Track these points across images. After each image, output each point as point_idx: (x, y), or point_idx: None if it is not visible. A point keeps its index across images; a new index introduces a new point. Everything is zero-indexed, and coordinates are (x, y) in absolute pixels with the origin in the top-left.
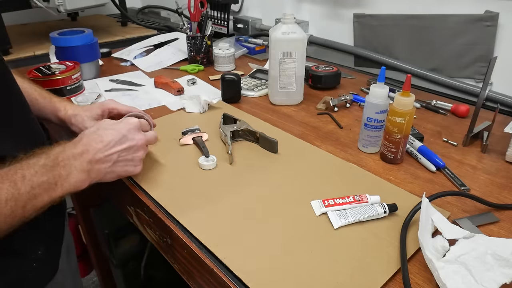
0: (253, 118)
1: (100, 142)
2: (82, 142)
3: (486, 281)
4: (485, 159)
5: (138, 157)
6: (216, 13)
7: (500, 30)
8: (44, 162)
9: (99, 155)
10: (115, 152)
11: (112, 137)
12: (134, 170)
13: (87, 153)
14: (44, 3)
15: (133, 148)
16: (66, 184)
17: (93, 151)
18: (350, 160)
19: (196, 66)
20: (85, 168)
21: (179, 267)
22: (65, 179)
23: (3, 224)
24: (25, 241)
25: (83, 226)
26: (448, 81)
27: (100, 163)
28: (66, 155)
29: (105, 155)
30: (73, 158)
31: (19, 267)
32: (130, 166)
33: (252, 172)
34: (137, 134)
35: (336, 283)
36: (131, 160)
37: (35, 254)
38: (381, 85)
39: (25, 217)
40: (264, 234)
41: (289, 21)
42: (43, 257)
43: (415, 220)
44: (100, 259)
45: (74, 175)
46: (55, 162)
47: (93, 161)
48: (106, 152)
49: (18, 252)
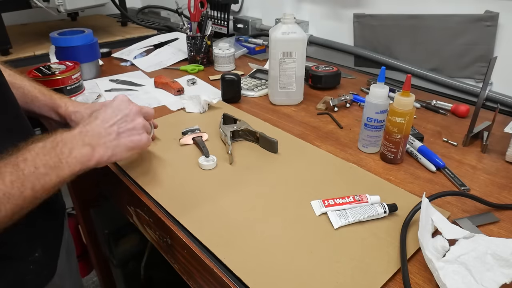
0: (253, 118)
1: (95, 120)
2: (78, 127)
3: (486, 281)
4: (485, 159)
5: (139, 124)
6: (216, 13)
7: (500, 30)
8: (43, 145)
9: (98, 129)
10: (113, 123)
11: (105, 113)
12: (141, 139)
13: (86, 131)
14: (44, 3)
15: (129, 116)
16: (72, 160)
17: (91, 127)
18: (350, 160)
19: (196, 66)
20: (87, 142)
21: (179, 267)
22: (69, 156)
23: (14, 206)
24: (22, 243)
25: (83, 226)
26: (448, 81)
27: (102, 137)
28: (64, 136)
29: (104, 128)
30: (72, 137)
31: (16, 270)
32: (135, 135)
33: (252, 172)
34: (129, 104)
35: (336, 283)
36: (133, 128)
37: (33, 256)
38: (381, 85)
39: (37, 198)
40: (264, 234)
41: (289, 21)
42: (41, 259)
43: (415, 220)
44: (100, 259)
45: (77, 150)
46: (53, 143)
47: (94, 136)
48: (104, 125)
49: (15, 255)
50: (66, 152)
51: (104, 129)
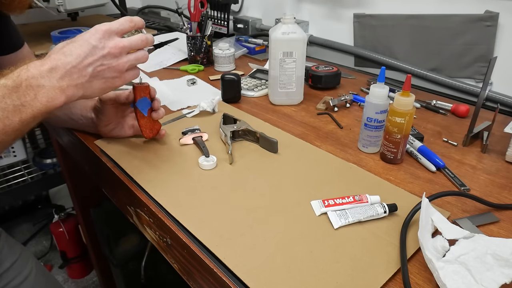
0: (253, 118)
1: (69, 55)
2: (50, 58)
3: (486, 281)
4: (485, 159)
5: (115, 67)
6: (216, 13)
7: (500, 30)
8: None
9: (72, 70)
10: (88, 64)
11: (82, 49)
12: (114, 83)
13: (57, 68)
14: (44, 3)
15: (107, 58)
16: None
17: (63, 65)
18: (350, 160)
19: (196, 66)
20: (57, 85)
21: (179, 267)
22: (34, 99)
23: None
24: None
25: (83, 226)
26: (448, 81)
27: (74, 78)
28: (31, 73)
29: (78, 69)
30: (40, 76)
31: None
32: (110, 78)
33: (252, 172)
34: (109, 41)
35: (336, 283)
36: (108, 70)
37: None
38: (381, 85)
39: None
40: (264, 234)
41: (289, 21)
42: None
43: (415, 220)
44: (100, 259)
45: (43, 94)
46: (17, 81)
47: (65, 77)
48: (79, 65)
49: None
50: (31, 95)
51: (78, 69)
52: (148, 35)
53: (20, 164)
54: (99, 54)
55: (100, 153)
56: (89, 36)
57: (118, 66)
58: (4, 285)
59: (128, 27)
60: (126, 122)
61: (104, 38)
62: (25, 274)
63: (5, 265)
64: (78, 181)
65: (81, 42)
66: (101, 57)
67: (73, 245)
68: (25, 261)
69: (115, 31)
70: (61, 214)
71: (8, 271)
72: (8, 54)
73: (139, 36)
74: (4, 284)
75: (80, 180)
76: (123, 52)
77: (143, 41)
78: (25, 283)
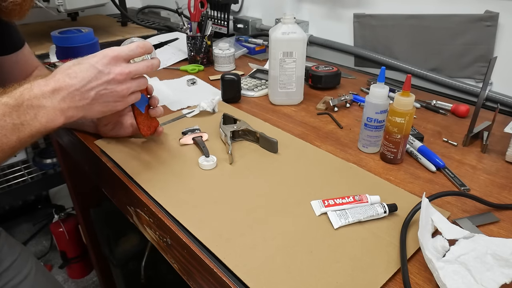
0: (253, 118)
1: (74, 78)
2: (55, 78)
3: (486, 281)
4: (485, 159)
5: (118, 92)
6: (216, 13)
7: (500, 30)
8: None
9: (74, 93)
10: (91, 88)
11: (87, 73)
12: (116, 107)
13: (61, 90)
14: (44, 3)
15: (111, 83)
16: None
17: (66, 87)
18: (350, 160)
19: (196, 66)
20: (58, 106)
21: (179, 267)
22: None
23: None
24: None
25: (83, 226)
26: (448, 81)
27: (75, 100)
28: (34, 93)
29: (81, 92)
30: (42, 97)
31: None
32: (110, 102)
33: (252, 172)
34: (115, 67)
35: (336, 283)
36: (111, 95)
37: None
38: (381, 85)
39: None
40: (264, 234)
41: (289, 21)
42: None
43: (415, 220)
44: (100, 259)
45: (44, 114)
46: (18, 102)
47: (67, 99)
48: (82, 88)
49: None
50: (31, 115)
51: (80, 92)
52: (153, 61)
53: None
54: (103, 79)
55: (100, 153)
56: (96, 60)
57: (121, 91)
58: (3, 284)
59: (138, 53)
60: (125, 121)
61: (110, 64)
62: (25, 273)
63: (5, 264)
64: (78, 181)
65: (87, 66)
66: (105, 82)
67: (73, 245)
68: (25, 261)
69: (123, 57)
70: (61, 214)
71: (8, 270)
72: (9, 54)
73: (145, 62)
74: (4, 283)
75: (80, 180)
76: (127, 79)
77: (148, 67)
78: (24, 282)
